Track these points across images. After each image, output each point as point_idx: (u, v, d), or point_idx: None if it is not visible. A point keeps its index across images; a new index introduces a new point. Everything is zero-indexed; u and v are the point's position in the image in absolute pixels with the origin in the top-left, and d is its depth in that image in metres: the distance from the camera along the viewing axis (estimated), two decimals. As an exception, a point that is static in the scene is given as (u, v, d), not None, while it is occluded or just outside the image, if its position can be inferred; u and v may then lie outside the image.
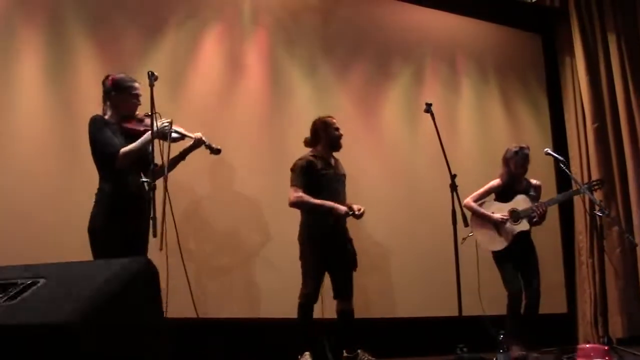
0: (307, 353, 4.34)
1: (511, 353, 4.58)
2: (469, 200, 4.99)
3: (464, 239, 4.68)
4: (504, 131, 6.84)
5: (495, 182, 5.08)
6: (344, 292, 4.53)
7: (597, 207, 5.11)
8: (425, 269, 5.83)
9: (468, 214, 4.78)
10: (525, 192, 5.02)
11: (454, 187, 4.24)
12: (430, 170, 5.82)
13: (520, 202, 4.97)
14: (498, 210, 4.98)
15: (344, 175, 4.73)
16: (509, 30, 7.20)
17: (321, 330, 4.60)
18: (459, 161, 5.46)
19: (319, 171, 4.54)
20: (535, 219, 4.94)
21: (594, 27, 6.97)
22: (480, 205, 5.04)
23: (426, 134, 5.57)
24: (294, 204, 4.54)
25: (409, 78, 6.41)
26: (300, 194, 4.50)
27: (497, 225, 4.96)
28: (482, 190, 5.08)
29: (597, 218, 5.03)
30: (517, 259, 4.94)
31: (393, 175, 6.06)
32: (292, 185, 4.53)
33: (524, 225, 4.93)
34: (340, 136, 4.67)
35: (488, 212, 4.99)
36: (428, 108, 4.41)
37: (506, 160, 5.08)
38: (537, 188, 5.12)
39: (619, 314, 6.38)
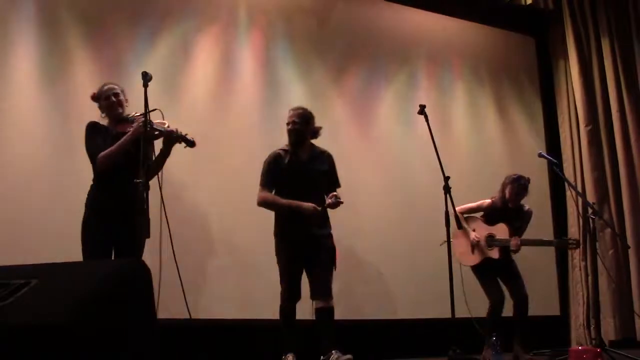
0: (290, 355, 4.24)
1: (483, 356, 4.61)
2: (458, 209, 5.02)
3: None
4: (498, 133, 6.86)
5: (487, 202, 5.12)
6: (318, 291, 4.31)
7: (590, 210, 5.12)
8: (419, 270, 5.83)
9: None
10: (512, 219, 5.03)
11: (447, 189, 4.24)
12: (424, 172, 5.82)
13: (500, 230, 5.01)
14: (479, 230, 5.03)
15: (316, 171, 4.45)
16: (503, 33, 7.22)
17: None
18: (452, 163, 5.46)
19: (283, 165, 4.40)
20: (511, 250, 4.98)
21: (587, 29, 7.00)
22: (466, 218, 5.08)
23: (420, 137, 5.56)
24: (259, 205, 4.43)
25: (404, 80, 6.42)
26: (265, 194, 4.40)
27: (472, 243, 5.01)
28: (472, 205, 5.13)
29: (590, 220, 5.05)
30: (495, 268, 5.02)
31: (387, 177, 6.07)
32: (260, 184, 4.44)
33: (494, 253, 4.99)
34: (289, 130, 4.45)
35: (469, 228, 5.04)
36: (422, 110, 4.39)
37: (503, 185, 5.08)
38: (527, 215, 5.12)
39: (612, 316, 6.40)
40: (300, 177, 4.39)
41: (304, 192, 4.33)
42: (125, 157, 3.76)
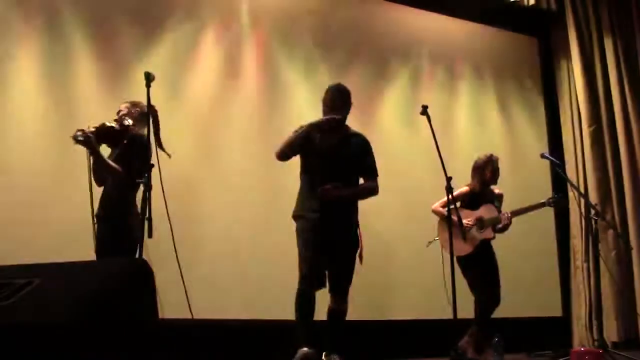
0: (305, 349, 3.88)
1: (484, 357, 4.59)
2: (437, 205, 5.00)
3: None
4: (500, 134, 6.86)
5: (464, 189, 5.11)
6: (332, 287, 4.06)
7: (592, 211, 5.12)
8: (420, 270, 5.82)
9: (435, 218, 4.85)
10: (491, 202, 5.06)
11: (449, 190, 4.24)
12: (426, 172, 5.81)
13: (486, 210, 5.02)
14: (464, 218, 4.96)
15: (344, 153, 4.17)
16: (506, 33, 7.22)
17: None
18: (455, 164, 5.44)
19: (314, 140, 4.16)
20: (500, 227, 4.99)
21: (590, 29, 6.99)
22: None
23: (423, 137, 5.55)
24: (278, 155, 4.19)
25: (406, 80, 6.42)
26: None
27: (463, 232, 4.96)
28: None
29: (593, 221, 5.04)
30: (480, 265, 5.00)
31: (389, 177, 6.02)
32: None
33: (488, 233, 4.99)
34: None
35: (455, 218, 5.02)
36: (424, 110, 4.37)
37: (479, 168, 5.13)
38: (500, 197, 5.16)
39: (614, 317, 6.39)
40: (325, 158, 4.12)
41: (329, 175, 4.03)
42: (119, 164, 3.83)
